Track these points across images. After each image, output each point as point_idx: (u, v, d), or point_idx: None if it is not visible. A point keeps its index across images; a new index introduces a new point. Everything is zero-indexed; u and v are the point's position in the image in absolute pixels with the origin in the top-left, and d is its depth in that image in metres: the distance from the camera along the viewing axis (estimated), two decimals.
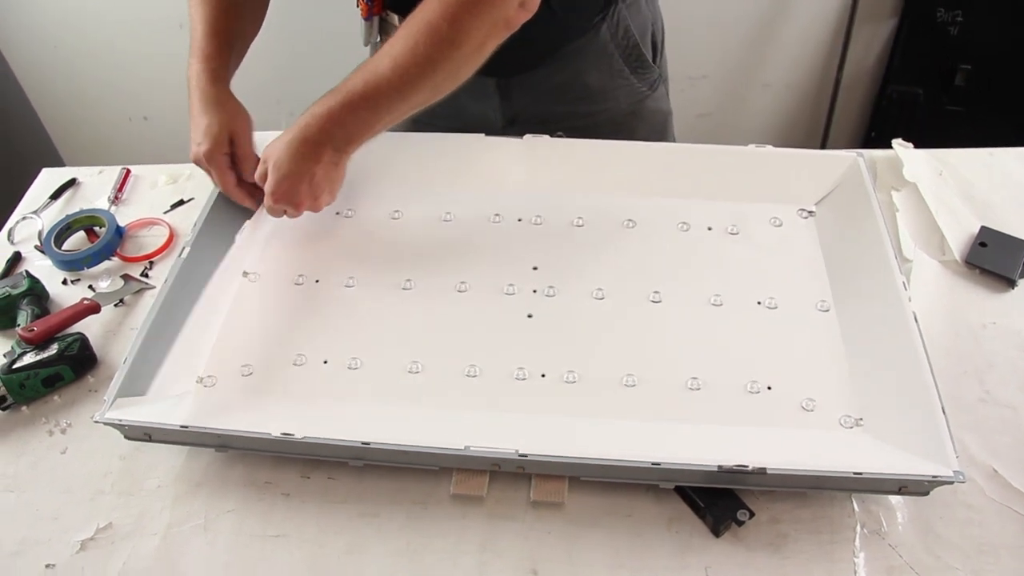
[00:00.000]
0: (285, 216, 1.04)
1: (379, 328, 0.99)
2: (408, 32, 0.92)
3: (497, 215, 1.11)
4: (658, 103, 1.32)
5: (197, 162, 1.07)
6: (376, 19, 1.15)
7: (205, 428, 0.86)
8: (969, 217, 1.14)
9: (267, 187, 1.00)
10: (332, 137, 0.97)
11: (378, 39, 1.16)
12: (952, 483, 0.76)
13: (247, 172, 1.06)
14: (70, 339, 1.00)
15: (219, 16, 1.09)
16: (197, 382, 0.93)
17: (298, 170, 0.98)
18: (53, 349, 0.99)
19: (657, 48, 1.29)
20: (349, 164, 1.01)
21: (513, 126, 1.23)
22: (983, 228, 1.11)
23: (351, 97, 0.95)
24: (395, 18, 1.12)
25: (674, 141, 1.38)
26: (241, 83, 1.11)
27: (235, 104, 1.09)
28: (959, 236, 1.11)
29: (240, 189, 1.08)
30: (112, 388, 0.88)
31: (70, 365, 0.99)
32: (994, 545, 0.81)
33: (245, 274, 1.04)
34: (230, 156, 1.06)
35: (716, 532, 0.82)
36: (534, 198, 1.13)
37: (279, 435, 0.83)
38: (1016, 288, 1.04)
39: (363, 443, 0.82)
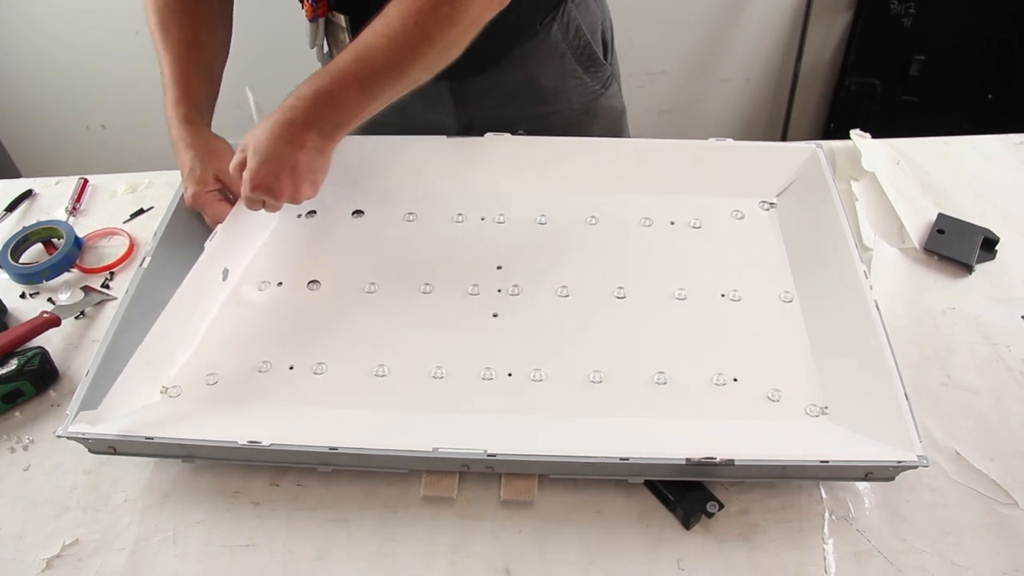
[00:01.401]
0: (264, 210, 1.00)
1: (344, 332, 0.98)
2: (402, 7, 0.90)
3: (460, 215, 1.11)
4: (611, 101, 1.33)
5: (192, 208, 1.05)
6: (322, 21, 1.12)
7: (171, 439, 0.85)
8: (926, 205, 1.16)
9: (245, 174, 0.95)
10: (319, 120, 0.93)
11: (324, 41, 1.14)
12: (916, 467, 0.78)
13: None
14: (30, 353, 0.99)
15: (183, 55, 1.06)
16: (162, 393, 0.92)
17: (279, 154, 0.93)
18: (13, 364, 0.97)
19: (608, 46, 1.29)
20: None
21: (468, 133, 1.23)
22: (940, 215, 1.12)
23: (342, 76, 0.92)
24: (341, 18, 1.10)
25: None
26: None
27: (214, 141, 1.06)
28: (917, 224, 1.12)
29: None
30: (74, 402, 0.87)
31: (31, 380, 0.98)
32: (958, 526, 0.82)
33: (209, 283, 1.03)
34: (220, 192, 1.04)
35: (687, 525, 0.83)
36: (497, 197, 1.13)
37: (246, 443, 0.83)
38: (973, 274, 1.06)
39: (331, 448, 0.82)
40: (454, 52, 0.94)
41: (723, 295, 1.00)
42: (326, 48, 1.18)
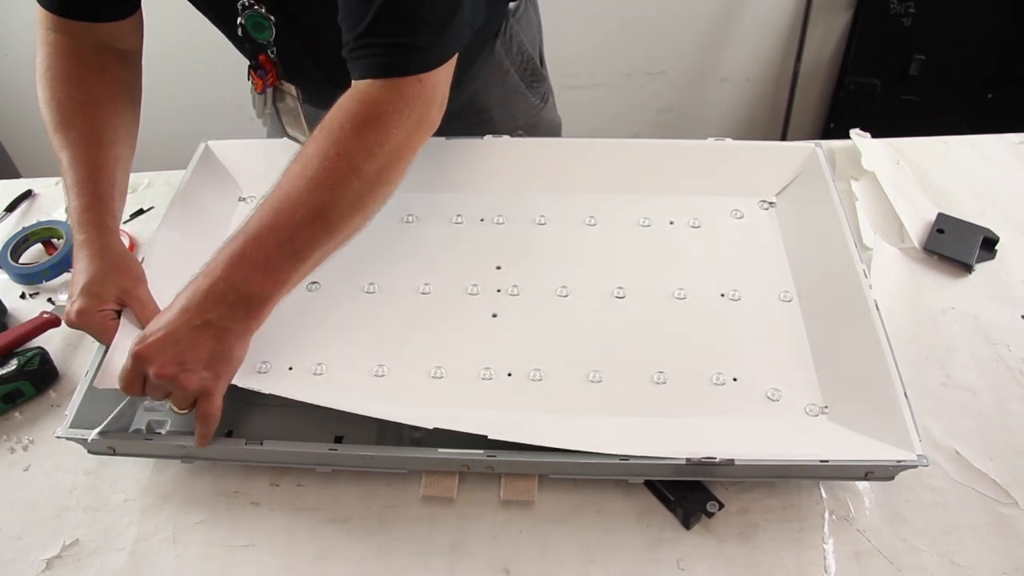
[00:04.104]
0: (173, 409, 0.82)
1: (343, 332, 0.98)
2: (319, 142, 0.82)
3: (459, 216, 1.11)
4: (550, 115, 1.33)
5: (70, 325, 0.87)
6: (270, 90, 1.04)
7: (170, 440, 0.85)
8: (926, 204, 1.16)
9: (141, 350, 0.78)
10: (232, 291, 0.79)
11: (272, 110, 1.07)
12: (916, 467, 0.78)
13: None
14: (30, 354, 0.99)
15: (91, 153, 0.93)
16: None
17: (180, 339, 0.78)
18: (12, 365, 0.97)
19: (543, 58, 1.28)
20: None
21: None
22: (940, 215, 1.12)
23: (256, 233, 0.80)
24: (292, 88, 1.02)
25: None
26: (206, 91, 1.09)
27: (126, 256, 0.91)
28: (917, 223, 1.12)
29: None
30: (74, 402, 0.87)
31: (31, 380, 0.98)
32: (958, 526, 0.82)
33: None
34: (115, 312, 0.88)
35: (687, 524, 0.83)
36: (496, 198, 1.13)
37: (245, 444, 0.83)
38: (973, 273, 1.06)
39: (331, 448, 0.82)
40: (387, 187, 0.85)
41: (722, 295, 1.00)
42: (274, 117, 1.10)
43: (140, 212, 1.24)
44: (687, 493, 0.83)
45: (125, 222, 1.23)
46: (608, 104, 2.52)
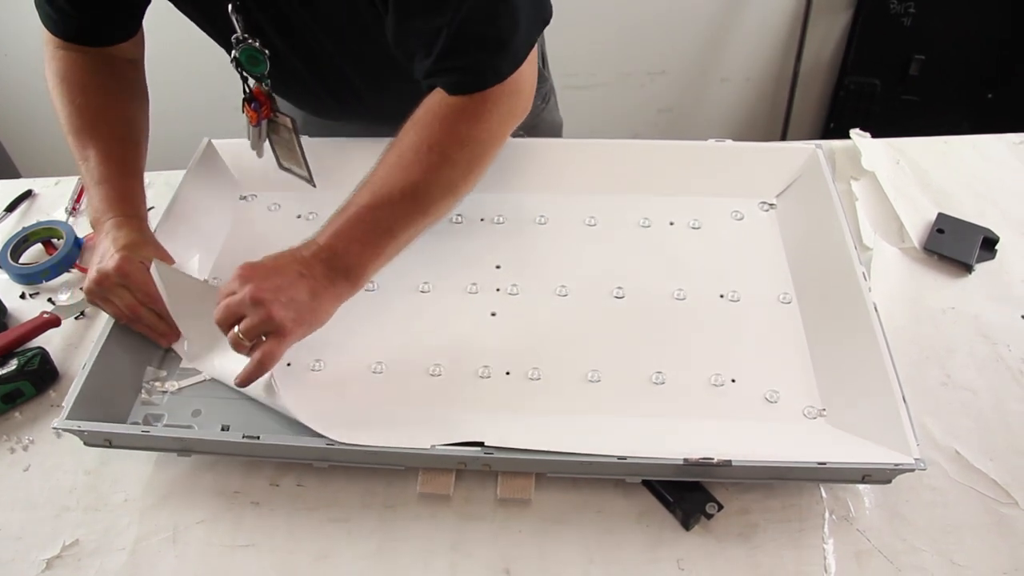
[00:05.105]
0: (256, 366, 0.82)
1: (342, 330, 0.98)
2: (414, 134, 0.88)
3: (459, 215, 1.11)
4: (551, 115, 1.33)
5: (100, 285, 0.92)
6: (265, 123, 1.04)
7: (167, 432, 0.85)
8: (926, 204, 1.16)
9: (241, 289, 0.81)
10: (334, 261, 0.85)
11: (267, 141, 1.07)
12: (913, 471, 0.77)
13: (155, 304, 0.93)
14: (30, 354, 0.99)
15: (116, 153, 0.99)
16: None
17: (287, 276, 0.83)
18: (12, 365, 0.97)
19: (545, 57, 1.28)
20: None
21: None
22: (940, 215, 1.12)
23: (357, 212, 0.86)
24: (287, 120, 1.03)
25: None
26: (206, 92, 1.08)
27: (154, 240, 0.98)
28: (917, 223, 1.12)
29: (143, 317, 0.94)
30: (71, 394, 0.87)
31: (31, 380, 0.98)
32: (958, 525, 0.82)
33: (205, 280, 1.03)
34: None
35: (686, 525, 0.83)
36: (496, 198, 1.13)
37: (242, 438, 0.83)
38: (973, 273, 1.06)
39: (328, 443, 0.82)
40: (478, 171, 0.91)
41: (722, 296, 1.00)
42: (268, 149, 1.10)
43: None
44: (686, 494, 0.83)
45: None
46: (608, 104, 2.52)
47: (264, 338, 0.81)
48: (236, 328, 0.81)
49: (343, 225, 0.86)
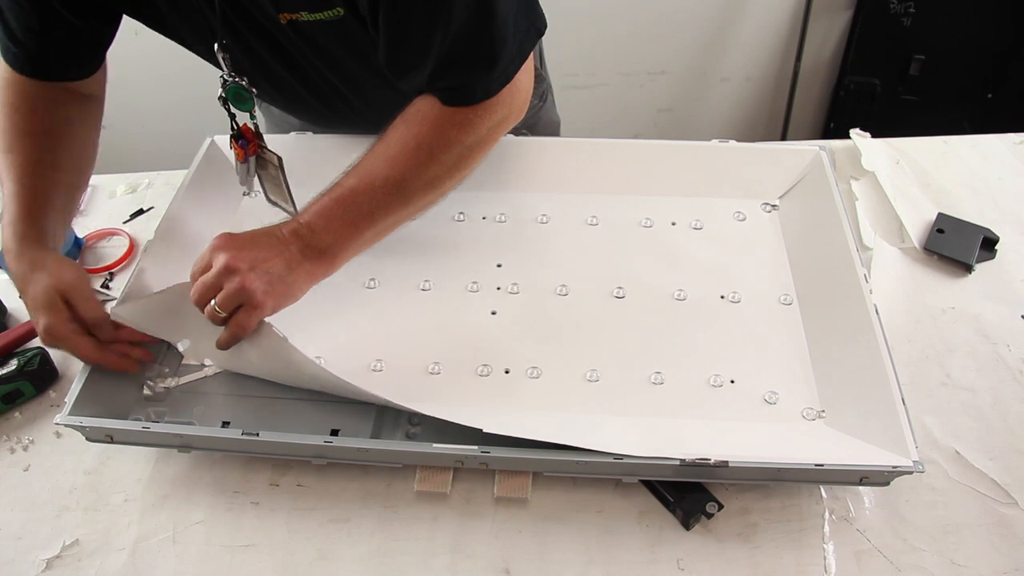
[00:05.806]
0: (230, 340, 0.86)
1: (342, 327, 0.98)
2: (401, 132, 0.89)
3: (461, 213, 1.11)
4: (549, 114, 1.33)
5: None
6: (252, 159, 1.03)
7: (167, 428, 0.85)
8: (926, 204, 1.16)
9: (216, 259, 0.83)
10: (311, 238, 0.86)
11: (255, 176, 1.06)
12: (912, 473, 0.77)
13: (103, 331, 0.92)
14: (30, 354, 0.99)
15: (31, 173, 0.95)
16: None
17: (264, 249, 0.85)
18: (13, 364, 0.97)
19: (543, 57, 1.28)
20: (319, 173, 0.95)
21: None
22: (940, 215, 1.12)
23: (339, 193, 0.88)
24: (273, 157, 1.01)
25: None
26: (206, 92, 1.07)
27: (57, 260, 0.92)
28: (917, 223, 1.12)
29: (107, 352, 0.91)
30: (72, 391, 0.87)
31: (30, 380, 0.98)
32: (958, 525, 0.82)
33: None
34: (73, 320, 0.90)
35: (686, 525, 0.83)
36: (498, 197, 1.13)
37: (242, 434, 0.83)
38: (973, 273, 1.06)
39: (326, 441, 0.82)
40: (465, 171, 0.93)
41: (723, 296, 1.00)
42: (257, 187, 1.09)
43: (140, 212, 1.24)
44: (686, 494, 0.83)
45: (125, 222, 1.23)
46: (608, 104, 2.52)
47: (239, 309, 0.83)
48: (212, 302, 0.83)
49: (324, 206, 0.88)
